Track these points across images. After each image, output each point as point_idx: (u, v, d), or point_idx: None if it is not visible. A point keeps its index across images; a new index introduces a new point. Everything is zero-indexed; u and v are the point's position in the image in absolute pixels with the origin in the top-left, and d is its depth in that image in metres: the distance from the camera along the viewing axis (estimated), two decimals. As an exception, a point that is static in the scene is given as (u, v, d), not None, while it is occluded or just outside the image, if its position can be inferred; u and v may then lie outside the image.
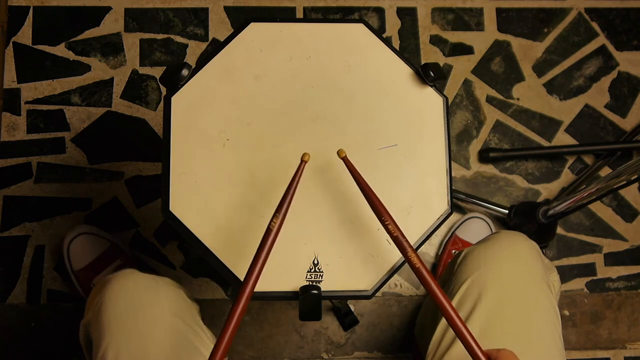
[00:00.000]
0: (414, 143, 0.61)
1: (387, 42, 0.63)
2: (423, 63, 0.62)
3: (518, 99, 1.14)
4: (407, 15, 1.15)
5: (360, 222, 0.59)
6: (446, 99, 0.62)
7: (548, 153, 1.12)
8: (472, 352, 0.46)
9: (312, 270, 0.58)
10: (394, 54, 0.63)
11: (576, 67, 1.15)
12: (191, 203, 0.58)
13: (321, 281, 0.57)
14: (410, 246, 0.49)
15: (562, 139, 1.13)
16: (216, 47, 0.66)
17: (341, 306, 1.01)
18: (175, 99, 0.60)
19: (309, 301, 0.56)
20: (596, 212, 1.11)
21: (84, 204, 1.06)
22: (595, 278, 1.09)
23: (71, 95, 1.10)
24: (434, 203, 0.60)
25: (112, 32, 1.12)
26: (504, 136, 1.12)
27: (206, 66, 0.61)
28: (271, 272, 0.57)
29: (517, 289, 0.62)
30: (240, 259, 0.57)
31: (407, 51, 1.14)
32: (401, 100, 0.62)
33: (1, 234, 1.05)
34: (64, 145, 1.08)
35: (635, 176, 0.78)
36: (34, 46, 1.11)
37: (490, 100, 1.13)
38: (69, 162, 1.08)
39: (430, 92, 0.62)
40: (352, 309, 1.03)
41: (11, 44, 1.11)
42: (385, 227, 0.51)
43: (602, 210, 1.11)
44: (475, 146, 1.12)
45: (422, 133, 0.61)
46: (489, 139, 1.12)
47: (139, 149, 1.09)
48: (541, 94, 1.14)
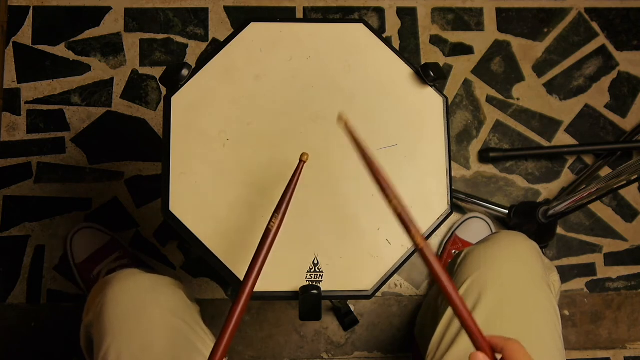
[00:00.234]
0: (414, 143, 0.61)
1: (387, 42, 0.63)
2: (423, 63, 0.62)
3: (518, 99, 1.14)
4: (407, 15, 1.15)
5: (361, 222, 0.59)
6: (446, 99, 0.62)
7: (548, 153, 1.12)
8: (475, 339, 0.44)
9: (312, 270, 0.58)
10: (394, 54, 0.63)
11: (576, 67, 1.15)
12: (191, 203, 0.58)
13: (321, 281, 0.57)
14: (414, 224, 0.45)
15: (562, 139, 1.13)
16: (216, 47, 0.66)
17: (341, 306, 1.01)
18: (175, 99, 0.60)
19: (309, 301, 0.56)
20: (596, 212, 1.11)
21: (84, 204, 1.06)
22: (595, 278, 1.09)
23: (71, 95, 1.10)
24: (434, 203, 0.60)
25: (112, 32, 1.12)
26: (504, 136, 1.12)
27: (206, 66, 0.61)
28: (271, 272, 0.57)
29: (517, 289, 0.62)
30: (240, 259, 0.57)
31: (407, 51, 1.14)
32: (401, 100, 0.62)
33: (1, 234, 1.05)
34: (64, 145, 1.08)
35: (635, 176, 0.78)
36: (34, 46, 1.11)
37: (490, 100, 1.13)
38: (69, 162, 1.08)
39: (430, 92, 0.62)
40: (352, 309, 1.03)
41: (11, 44, 1.11)
42: (389, 202, 0.45)
43: (602, 210, 1.11)
44: (475, 146, 1.12)
45: (422, 133, 0.61)
46: (489, 139, 1.12)
47: (139, 149, 1.09)
48: (541, 94, 1.14)
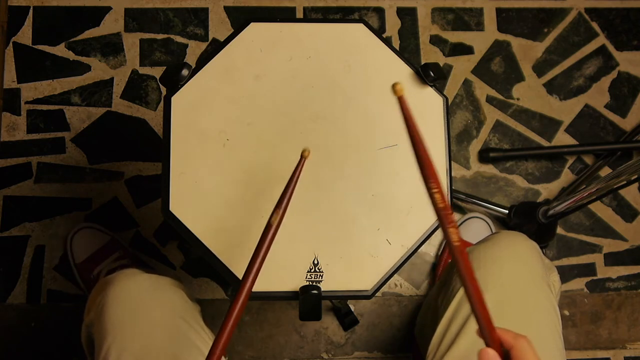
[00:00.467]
0: (414, 143, 0.61)
1: (387, 42, 0.63)
2: (423, 63, 0.62)
3: (518, 99, 1.14)
4: (407, 15, 1.15)
5: (361, 222, 0.59)
6: (446, 99, 0.62)
7: (548, 153, 1.12)
8: (486, 332, 0.43)
9: (312, 270, 0.58)
10: (394, 54, 0.63)
11: (576, 67, 1.15)
12: (191, 203, 0.58)
13: (321, 281, 0.57)
14: (453, 221, 0.42)
15: (562, 139, 1.13)
16: (216, 47, 0.66)
17: (341, 306, 1.01)
18: (175, 99, 0.60)
19: (309, 301, 0.56)
20: (596, 212, 1.11)
21: (84, 204, 1.06)
22: (595, 278, 1.09)
23: (71, 95, 1.10)
24: (434, 203, 0.60)
25: (112, 32, 1.12)
26: (504, 136, 1.12)
27: (206, 66, 0.61)
28: (271, 272, 0.57)
29: (517, 289, 0.62)
30: (240, 258, 0.57)
31: (407, 51, 1.14)
32: (401, 100, 0.62)
33: (1, 234, 1.05)
34: (64, 145, 1.08)
35: (635, 176, 0.78)
36: (34, 46, 1.11)
37: (490, 100, 1.13)
38: (69, 162, 1.08)
39: (430, 92, 0.62)
40: (352, 309, 1.03)
41: (11, 44, 1.11)
42: (431, 194, 0.42)
43: (602, 210, 1.11)
44: (475, 146, 1.12)
45: (422, 133, 0.61)
46: (489, 139, 1.12)
47: (139, 149, 1.09)
48: (541, 94, 1.14)
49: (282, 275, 0.57)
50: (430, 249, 1.08)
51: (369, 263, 0.58)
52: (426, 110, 0.62)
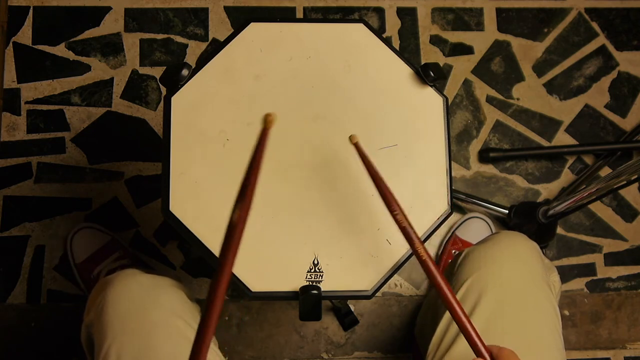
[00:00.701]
0: (414, 143, 0.61)
1: (387, 42, 0.63)
2: (423, 63, 0.62)
3: (518, 99, 1.14)
4: (407, 15, 1.15)
5: (361, 222, 0.59)
6: (446, 99, 0.62)
7: (548, 153, 1.12)
8: (475, 347, 0.46)
9: (312, 270, 0.58)
10: (394, 54, 0.63)
11: (576, 67, 1.15)
12: (191, 203, 0.58)
13: (321, 281, 0.57)
14: (418, 238, 0.48)
15: (562, 139, 1.13)
16: (216, 47, 0.66)
17: (341, 306, 1.01)
18: (175, 99, 0.60)
19: (309, 301, 0.56)
20: (596, 212, 1.11)
21: (84, 204, 1.06)
22: (595, 278, 1.09)
23: (71, 95, 1.10)
24: (434, 203, 0.60)
25: (112, 32, 1.12)
26: (504, 136, 1.12)
27: (206, 66, 0.61)
28: (271, 272, 0.57)
29: (517, 289, 0.62)
30: (240, 259, 0.57)
31: (407, 51, 1.14)
32: (401, 100, 0.62)
33: (1, 234, 1.05)
34: (64, 145, 1.08)
35: (635, 176, 0.78)
36: (34, 46, 1.11)
37: (490, 100, 1.13)
38: (69, 162, 1.08)
39: (430, 92, 0.62)
40: (352, 309, 1.03)
41: (11, 44, 1.11)
42: (394, 217, 0.49)
43: (602, 210, 1.11)
44: (475, 146, 1.12)
45: (422, 133, 0.61)
46: (489, 139, 1.12)
47: (139, 149, 1.09)
48: (541, 94, 1.14)
49: (282, 276, 0.57)
50: (430, 249, 1.08)
51: (369, 263, 0.58)
52: (426, 110, 0.62)
